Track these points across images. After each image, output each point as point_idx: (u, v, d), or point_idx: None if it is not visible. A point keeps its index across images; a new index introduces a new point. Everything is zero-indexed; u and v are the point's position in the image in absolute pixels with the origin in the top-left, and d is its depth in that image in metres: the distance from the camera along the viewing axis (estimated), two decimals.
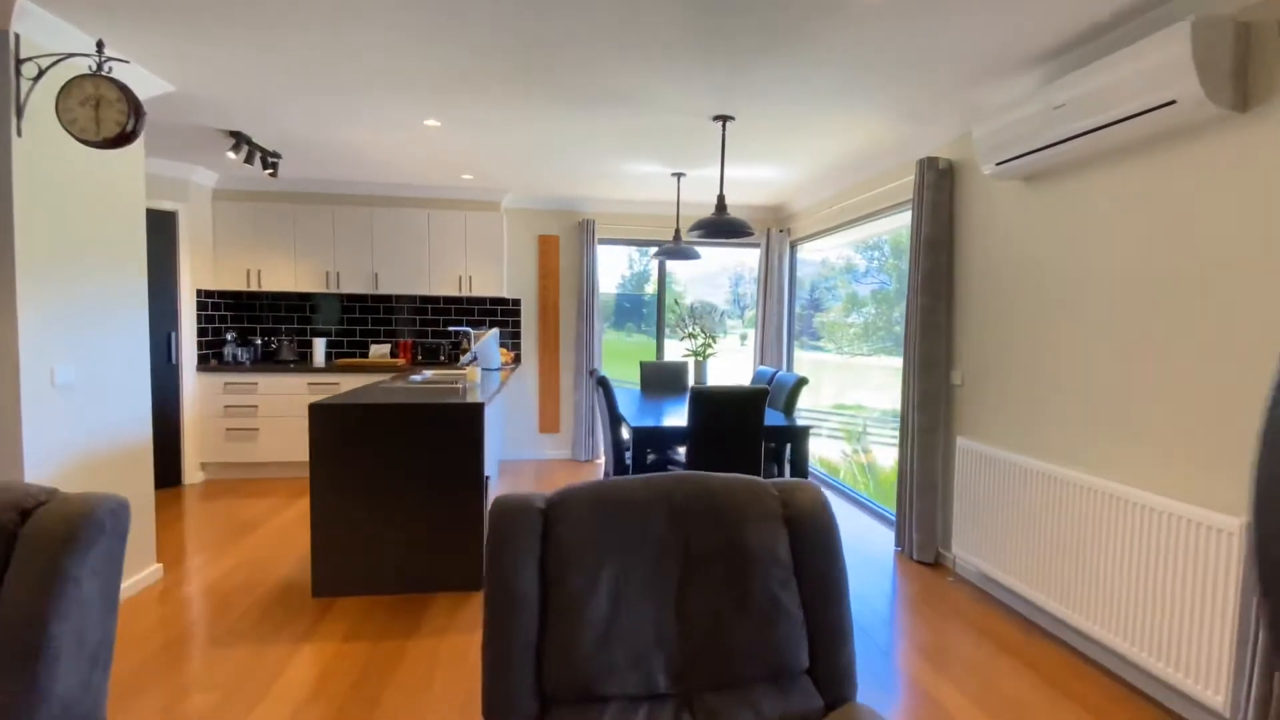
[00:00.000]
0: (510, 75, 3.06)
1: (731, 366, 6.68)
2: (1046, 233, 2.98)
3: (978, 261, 3.47)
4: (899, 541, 3.92)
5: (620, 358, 6.63)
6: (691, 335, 4.32)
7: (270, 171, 4.63)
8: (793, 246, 6.31)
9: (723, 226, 3.62)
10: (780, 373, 4.43)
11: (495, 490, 4.77)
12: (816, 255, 6.23)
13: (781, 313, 6.24)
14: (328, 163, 4.91)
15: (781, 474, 4.38)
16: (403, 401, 3.17)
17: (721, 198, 3.74)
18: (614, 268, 6.72)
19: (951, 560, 3.62)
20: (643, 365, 5.48)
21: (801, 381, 4.09)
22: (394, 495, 3.15)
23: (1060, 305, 2.89)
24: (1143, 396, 2.47)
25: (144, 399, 3.20)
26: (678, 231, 4.87)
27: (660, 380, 5.44)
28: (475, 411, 3.19)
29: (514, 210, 6.10)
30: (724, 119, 3.64)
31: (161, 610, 2.99)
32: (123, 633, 2.77)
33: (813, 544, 1.52)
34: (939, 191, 3.64)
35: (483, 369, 5.26)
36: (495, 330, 5.33)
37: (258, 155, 4.45)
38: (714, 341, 4.39)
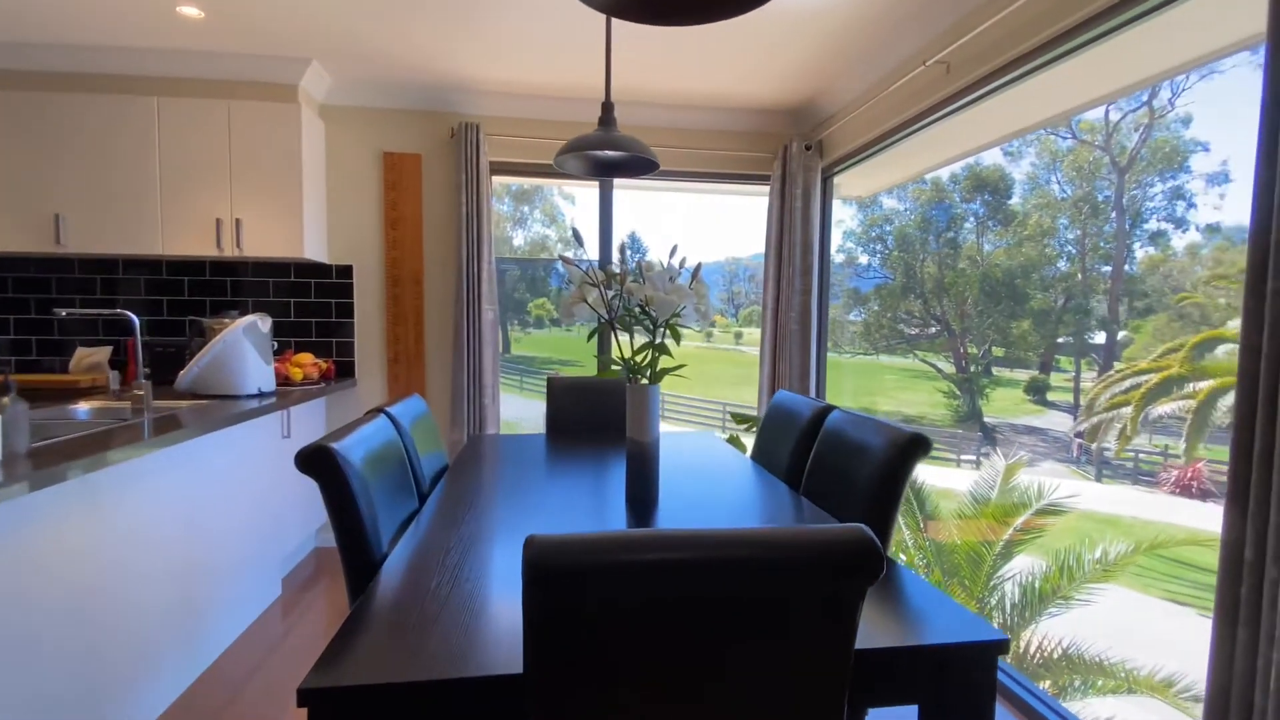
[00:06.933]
0: None
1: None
2: None
3: None
4: None
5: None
6: (624, 323, 1.68)
7: None
8: (826, 179, 3.69)
9: None
10: (838, 412, 1.81)
11: None
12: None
13: (810, 291, 3.62)
14: None
15: None
16: None
17: None
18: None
19: None
20: (551, 384, 2.86)
21: (917, 445, 1.47)
22: None
23: None
24: None
25: None
26: (607, 107, 2.24)
27: (587, 417, 2.82)
28: None
29: (335, 108, 3.45)
30: None
31: None
32: None
33: None
34: None
35: (214, 396, 2.63)
36: (249, 320, 2.69)
37: None
38: (675, 337, 1.77)
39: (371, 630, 1.00)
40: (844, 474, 1.65)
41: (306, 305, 3.48)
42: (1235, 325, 8.36)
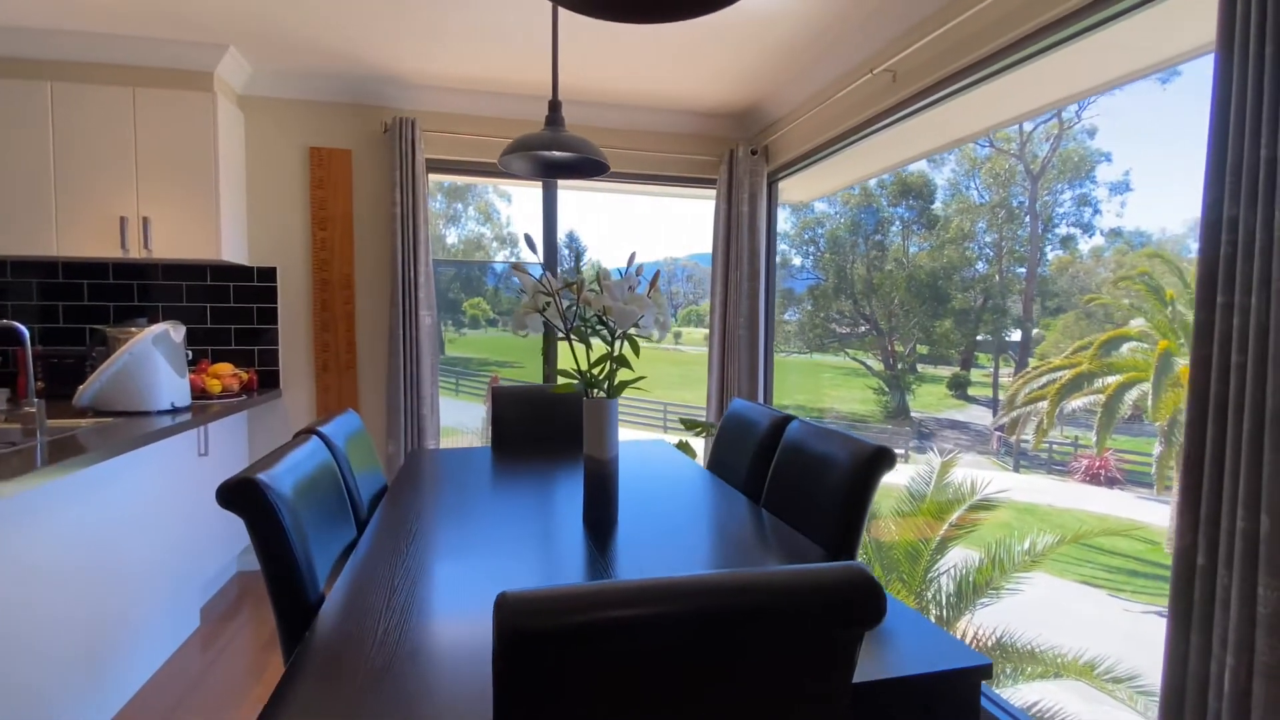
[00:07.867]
0: None
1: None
2: None
3: None
4: None
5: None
6: (580, 331, 1.59)
7: None
8: (771, 184, 3.70)
9: None
10: (798, 423, 1.79)
11: None
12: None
13: (757, 295, 3.62)
14: None
15: None
16: None
17: None
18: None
19: None
20: (496, 395, 2.74)
21: (882, 459, 1.46)
22: None
23: None
24: None
25: None
26: (554, 105, 2.14)
27: (535, 428, 2.71)
28: None
29: (256, 99, 3.21)
30: None
31: None
32: None
33: None
34: None
35: (119, 413, 2.39)
36: (160, 328, 2.46)
37: None
38: (634, 348, 1.69)
39: (311, 688, 0.89)
40: (807, 488, 1.62)
41: (225, 311, 3.22)
42: (1138, 324, 8.95)
